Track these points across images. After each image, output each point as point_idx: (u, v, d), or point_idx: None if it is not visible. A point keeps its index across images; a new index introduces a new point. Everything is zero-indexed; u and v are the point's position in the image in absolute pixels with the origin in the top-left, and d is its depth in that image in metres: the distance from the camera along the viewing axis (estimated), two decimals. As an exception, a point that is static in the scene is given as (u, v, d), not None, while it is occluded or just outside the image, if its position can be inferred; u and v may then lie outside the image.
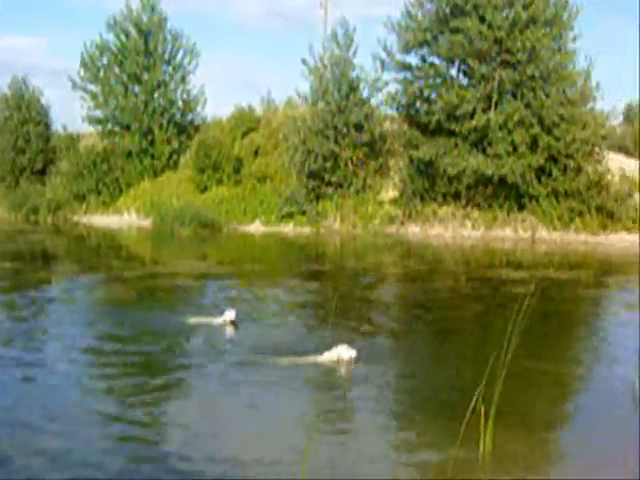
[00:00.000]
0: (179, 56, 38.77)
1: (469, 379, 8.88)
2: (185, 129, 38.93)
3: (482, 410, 7.10)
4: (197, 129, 39.07)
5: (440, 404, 8.75)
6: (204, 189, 35.12)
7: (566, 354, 12.01)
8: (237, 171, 35.12)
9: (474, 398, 6.76)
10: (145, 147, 37.53)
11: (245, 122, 37.32)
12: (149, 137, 37.55)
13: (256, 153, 36.01)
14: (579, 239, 29.14)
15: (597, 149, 30.91)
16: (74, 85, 38.46)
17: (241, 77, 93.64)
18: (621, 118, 44.41)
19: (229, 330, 12.07)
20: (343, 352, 9.68)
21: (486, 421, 7.14)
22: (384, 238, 29.01)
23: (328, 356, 9.73)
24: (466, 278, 20.44)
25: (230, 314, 12.35)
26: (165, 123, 37.62)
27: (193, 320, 12.59)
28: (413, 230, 31.03)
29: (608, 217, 29.54)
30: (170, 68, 38.64)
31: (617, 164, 32.01)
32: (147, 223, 33.97)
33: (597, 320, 15.74)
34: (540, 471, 7.10)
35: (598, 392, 9.59)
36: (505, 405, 7.96)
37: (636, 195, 30.69)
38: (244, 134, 36.93)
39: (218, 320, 12.36)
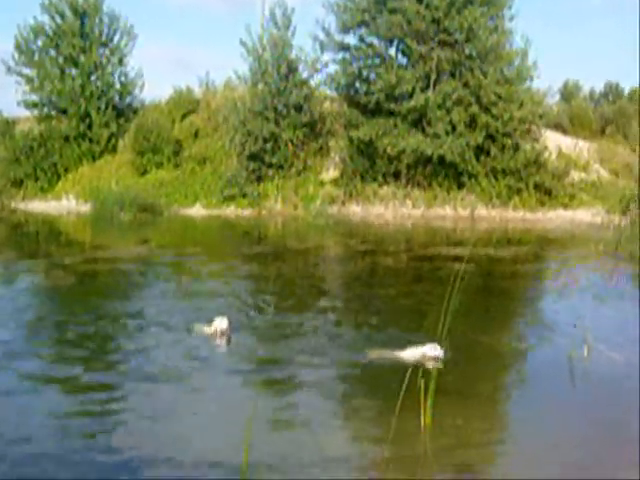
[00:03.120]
0: (116, 38, 38.22)
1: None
2: (123, 112, 38.40)
3: (422, 385, 7.18)
4: (135, 112, 38.55)
5: (379, 381, 8.82)
6: (144, 172, 34.77)
7: (505, 328, 12.19)
8: (177, 154, 34.83)
9: (407, 374, 6.84)
10: (83, 131, 36.96)
11: (184, 104, 37.03)
12: (87, 121, 36.97)
13: (196, 135, 35.76)
14: (518, 216, 29.54)
15: (534, 127, 31.27)
16: (8, 69, 37.70)
17: (179, 59, 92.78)
18: (558, 96, 45.06)
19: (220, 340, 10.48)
20: (428, 350, 9.29)
21: (425, 396, 7.22)
22: (325, 218, 29.05)
23: (411, 353, 9.37)
24: (407, 256, 20.57)
25: (221, 323, 10.57)
26: (103, 106, 37.07)
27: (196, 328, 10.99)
28: (354, 210, 31.14)
29: (546, 194, 29.99)
30: (107, 50, 38.05)
31: (554, 142, 32.48)
32: (87, 208, 33.53)
33: (535, 294, 15.98)
34: (478, 443, 7.20)
35: (535, 364, 9.74)
36: (445, 379, 8.08)
37: (573, 172, 31.23)
38: (183, 116, 36.65)
39: (208, 330, 10.63)
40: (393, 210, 31.01)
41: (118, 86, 38.57)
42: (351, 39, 32.53)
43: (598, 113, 45.19)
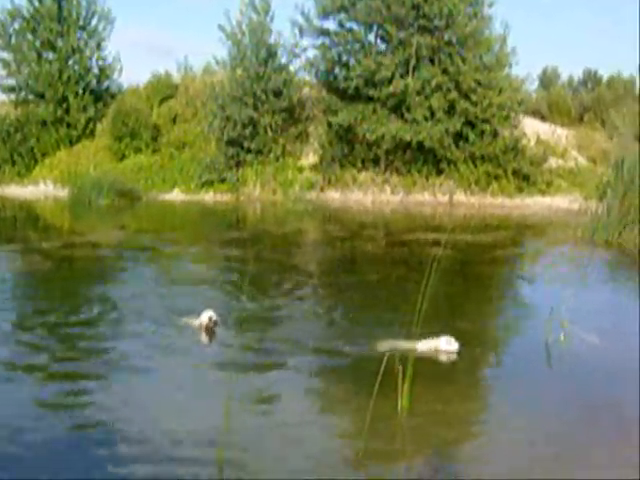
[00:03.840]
0: (93, 22, 37.86)
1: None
2: (101, 97, 38.04)
3: (400, 370, 7.22)
4: (113, 97, 38.24)
5: (358, 365, 8.85)
6: (122, 157, 34.54)
7: (483, 312, 12.26)
8: (155, 139, 34.62)
9: (385, 358, 6.87)
10: (60, 115, 36.60)
11: (162, 89, 36.77)
12: (64, 105, 36.60)
13: (174, 120, 35.59)
14: (496, 202, 29.63)
15: (513, 114, 31.31)
16: (-16, 53, 37.33)
17: (157, 44, 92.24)
18: (536, 83, 45.24)
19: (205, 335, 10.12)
20: (443, 344, 9.17)
21: (403, 380, 7.26)
22: (304, 204, 29.05)
23: (425, 346, 9.14)
24: (386, 242, 20.65)
25: (207, 316, 10.23)
26: (80, 91, 36.71)
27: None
28: (333, 196, 31.12)
29: (524, 180, 30.11)
30: (84, 34, 37.69)
31: (532, 129, 32.59)
32: (64, 193, 33.25)
33: (513, 279, 16.08)
34: (454, 426, 7.26)
35: (513, 349, 9.80)
36: (422, 363, 8.11)
37: (551, 159, 31.37)
38: (161, 101, 36.43)
39: (195, 322, 10.32)
40: (372, 196, 31.02)
41: (96, 70, 38.19)
42: (330, 24, 32.44)
43: (576, 100, 45.41)
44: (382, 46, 32.22)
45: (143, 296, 12.37)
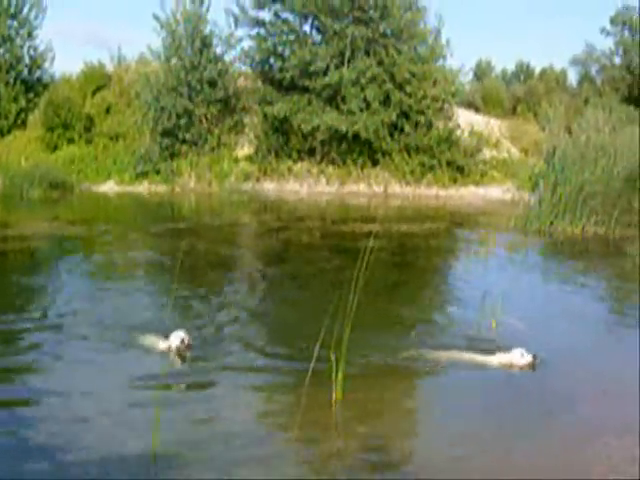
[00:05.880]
0: (25, 10, 37.20)
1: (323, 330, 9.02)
2: (33, 86, 37.40)
3: (333, 359, 7.25)
4: (45, 86, 37.63)
5: (292, 355, 8.84)
6: (54, 148, 34.01)
7: (416, 302, 12.32)
8: (88, 130, 34.18)
9: (316, 349, 6.90)
10: (-9, 106, 36.03)
11: (95, 79, 36.27)
12: (-5, 95, 36.05)
13: (108, 111, 35.17)
14: (430, 193, 29.92)
15: (447, 105, 31.64)
16: None
17: (90, 34, 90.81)
18: (470, 75, 45.71)
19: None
20: (515, 358, 8.53)
21: (337, 372, 7.28)
22: (240, 195, 28.97)
23: (497, 360, 8.64)
24: (321, 233, 20.67)
25: (178, 338, 8.80)
26: (11, 80, 36.07)
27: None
28: (269, 187, 31.09)
29: (458, 171, 30.44)
30: (15, 23, 37.01)
31: (466, 120, 32.94)
32: (-5, 185, 32.71)
33: (446, 268, 16.25)
34: (388, 415, 7.32)
35: (446, 337, 9.85)
36: (357, 353, 8.15)
37: (484, 150, 31.76)
38: (95, 91, 35.96)
39: (162, 345, 8.84)
40: (307, 187, 31.07)
41: (27, 60, 37.57)
42: (266, 15, 32.38)
43: (509, 92, 46.05)
44: (317, 37, 32.33)
45: (74, 292, 12.10)
